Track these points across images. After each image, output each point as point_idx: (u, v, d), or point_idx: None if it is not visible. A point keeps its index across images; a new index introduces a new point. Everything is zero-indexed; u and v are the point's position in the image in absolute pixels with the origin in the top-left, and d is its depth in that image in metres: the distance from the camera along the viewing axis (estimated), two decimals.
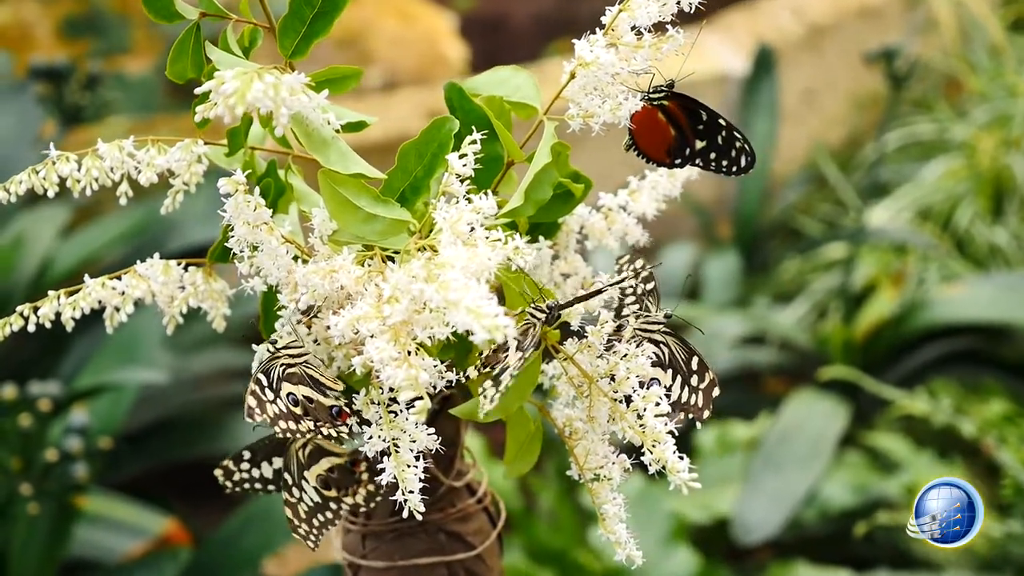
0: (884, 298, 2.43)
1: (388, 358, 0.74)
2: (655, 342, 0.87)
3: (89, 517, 1.83)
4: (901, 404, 2.03)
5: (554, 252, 0.94)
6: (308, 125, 0.79)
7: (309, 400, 0.83)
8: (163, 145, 0.85)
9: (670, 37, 0.81)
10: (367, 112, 0.89)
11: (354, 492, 0.90)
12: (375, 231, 0.80)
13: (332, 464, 0.89)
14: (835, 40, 3.07)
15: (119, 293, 0.89)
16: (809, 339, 2.40)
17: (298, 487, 0.90)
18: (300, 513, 0.90)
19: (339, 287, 0.79)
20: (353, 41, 3.13)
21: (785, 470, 2.06)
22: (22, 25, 3.00)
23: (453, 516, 0.96)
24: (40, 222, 2.00)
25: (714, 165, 0.88)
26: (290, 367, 0.83)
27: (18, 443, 1.56)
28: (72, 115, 2.11)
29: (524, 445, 0.90)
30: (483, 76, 0.88)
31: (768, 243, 2.86)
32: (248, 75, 0.70)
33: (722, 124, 0.87)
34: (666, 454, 0.80)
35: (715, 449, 2.15)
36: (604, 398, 0.83)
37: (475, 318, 0.69)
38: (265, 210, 0.79)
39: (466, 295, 0.69)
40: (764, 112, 2.81)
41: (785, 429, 2.13)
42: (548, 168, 0.81)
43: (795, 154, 3.03)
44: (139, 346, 1.83)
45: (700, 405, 0.87)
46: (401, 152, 0.82)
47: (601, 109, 0.82)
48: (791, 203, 2.90)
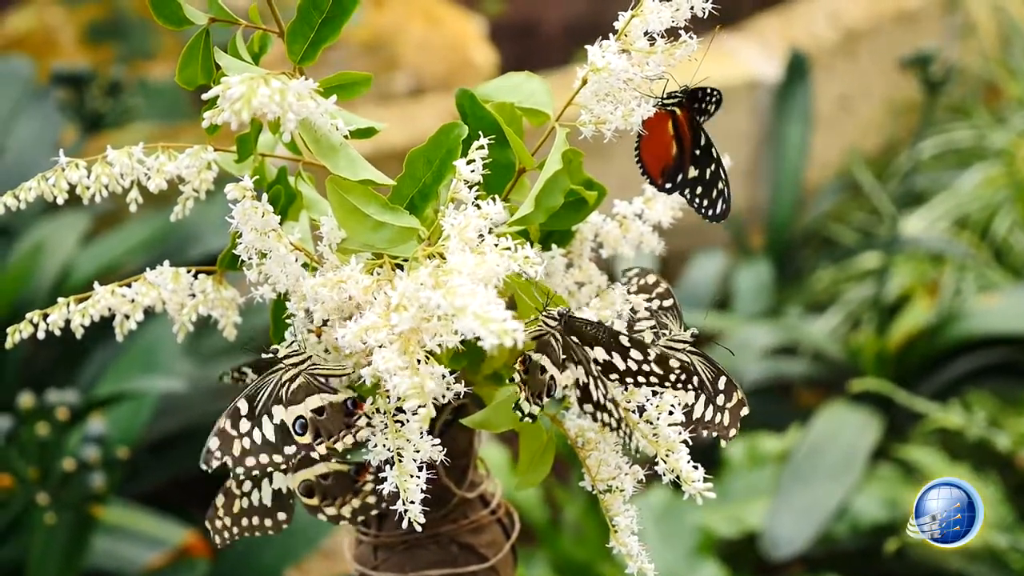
0: (919, 308, 2.42)
1: (396, 368, 0.75)
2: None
3: (108, 528, 1.84)
4: (935, 417, 2.02)
5: (568, 260, 0.94)
6: (316, 131, 0.79)
7: (319, 412, 0.83)
8: (173, 152, 0.86)
9: (683, 43, 0.82)
10: (393, 119, 0.89)
11: (342, 504, 0.90)
12: (384, 239, 0.81)
13: (331, 470, 0.89)
14: (871, 45, 3.06)
15: (129, 301, 0.90)
16: (841, 350, 2.39)
17: (254, 482, 0.90)
18: (233, 507, 0.90)
19: (348, 297, 0.79)
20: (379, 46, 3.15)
21: (816, 483, 2.06)
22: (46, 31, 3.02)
23: (466, 528, 0.96)
24: (60, 229, 2.02)
25: (697, 201, 0.88)
26: (292, 382, 0.83)
27: (35, 452, 1.57)
28: (93, 122, 2.13)
29: (537, 456, 0.90)
30: (495, 82, 0.89)
31: (801, 252, 2.85)
32: (254, 80, 0.71)
33: (714, 156, 0.87)
34: (680, 463, 0.80)
35: (744, 462, 2.14)
36: None
37: (482, 323, 0.69)
38: (273, 216, 0.80)
39: (473, 301, 0.70)
40: (797, 119, 2.81)
41: (816, 442, 2.12)
42: (559, 175, 0.81)
43: (829, 161, 3.03)
44: (158, 355, 1.84)
45: (727, 424, 0.87)
46: (409, 158, 0.82)
47: (613, 115, 0.82)
48: (825, 211, 2.89)
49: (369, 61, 3.12)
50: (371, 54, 3.12)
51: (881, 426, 2.15)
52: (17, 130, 2.19)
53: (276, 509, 0.92)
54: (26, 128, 2.21)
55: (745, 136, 2.89)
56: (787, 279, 2.76)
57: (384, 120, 0.90)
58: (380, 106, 2.81)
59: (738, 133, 2.89)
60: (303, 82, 0.76)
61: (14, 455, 1.57)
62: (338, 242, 0.83)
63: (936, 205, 2.71)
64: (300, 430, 0.83)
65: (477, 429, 0.92)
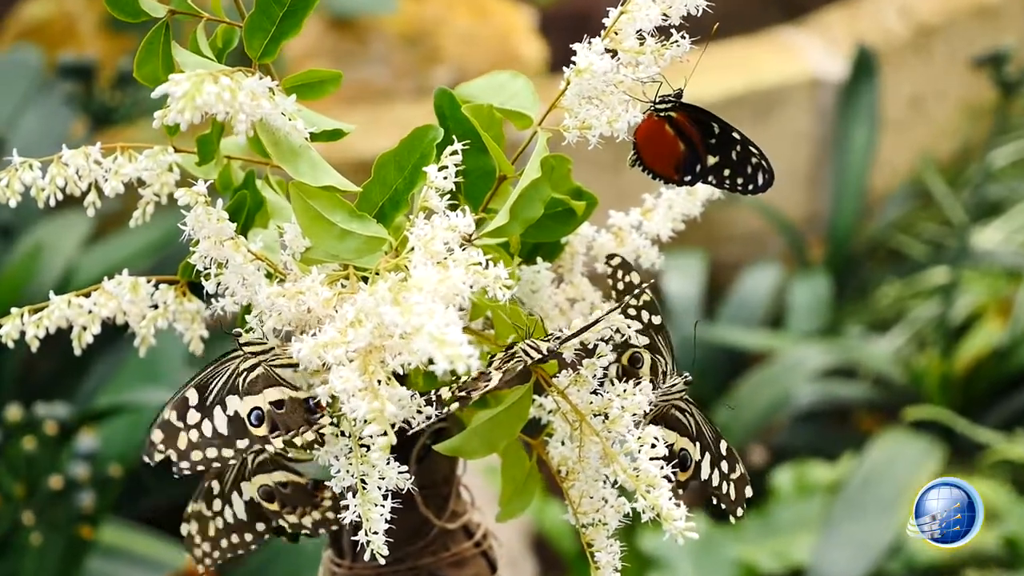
0: (990, 329, 2.39)
1: (354, 389, 0.75)
2: (680, 409, 0.86)
3: (104, 549, 1.85)
4: (999, 448, 2.00)
5: (558, 275, 0.93)
6: (275, 133, 0.79)
7: (279, 405, 0.82)
8: (133, 152, 0.86)
9: (674, 43, 0.81)
10: (431, 116, 0.88)
11: (303, 514, 0.90)
12: (350, 249, 0.80)
13: (288, 479, 0.89)
14: (946, 42, 3.03)
15: (86, 312, 0.90)
16: (903, 373, 2.37)
17: (224, 499, 0.90)
18: (209, 530, 0.90)
19: (307, 310, 0.79)
20: (419, 38, 3.15)
21: (869, 517, 2.04)
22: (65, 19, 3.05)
23: (447, 560, 0.96)
24: (61, 231, 2.03)
25: (728, 183, 0.87)
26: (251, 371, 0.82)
27: (22, 468, 1.58)
28: (102, 116, 2.14)
29: (520, 485, 0.90)
30: (479, 81, 0.89)
31: (864, 265, 2.82)
32: (200, 78, 0.71)
33: (736, 138, 0.86)
34: (660, 501, 0.79)
35: (792, 491, 2.13)
36: (595, 437, 0.82)
37: (438, 346, 0.69)
38: (229, 224, 0.80)
39: (430, 320, 0.69)
40: (863, 120, 2.79)
41: (871, 471, 2.10)
42: (538, 183, 0.81)
43: (898, 167, 3.00)
44: (160, 367, 1.85)
45: (734, 499, 0.86)
46: (380, 163, 0.82)
47: (598, 121, 0.81)
48: (891, 221, 2.86)
49: (409, 54, 3.12)
50: (411, 47, 3.13)
51: (943, 456, 2.13)
52: (23, 124, 2.21)
53: (253, 521, 0.92)
54: (32, 122, 2.24)
55: (806, 138, 2.87)
56: (848, 295, 2.73)
57: (421, 118, 0.88)
58: (416, 103, 2.82)
59: (798, 135, 2.87)
60: (257, 80, 0.76)
61: (1, 471, 1.58)
62: (302, 251, 0.83)
63: (1013, 216, 2.68)
64: (256, 421, 0.81)
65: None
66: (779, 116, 2.81)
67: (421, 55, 3.12)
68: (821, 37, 2.94)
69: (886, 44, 2.94)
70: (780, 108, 2.81)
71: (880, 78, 2.83)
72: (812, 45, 2.92)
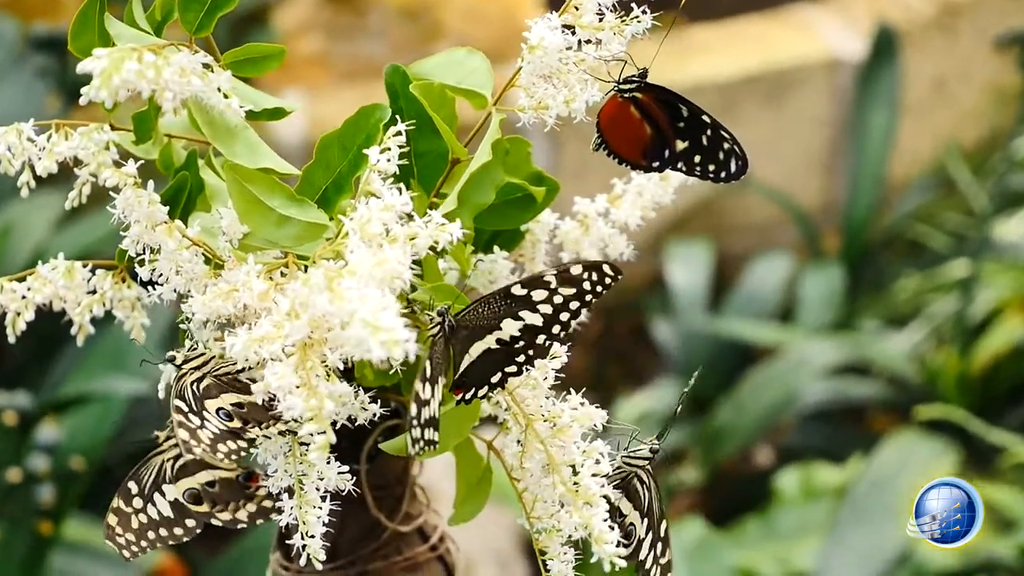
0: (1010, 326, 2.37)
1: (290, 386, 0.74)
2: (640, 480, 0.87)
3: (71, 545, 1.85)
4: (1016, 451, 1.98)
5: (519, 265, 0.92)
6: (210, 112, 0.78)
7: (240, 405, 0.82)
8: (68, 130, 0.85)
9: (634, 18, 0.80)
10: None
11: (237, 508, 0.90)
12: (289, 235, 0.80)
13: (216, 478, 0.89)
14: (973, 21, 3.01)
15: (19, 297, 0.89)
16: (918, 371, 2.35)
17: (145, 499, 0.90)
18: (132, 523, 0.90)
19: (243, 307, 0.78)
20: (421, 12, 3.14)
21: (877, 522, 2.03)
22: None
23: (400, 565, 0.95)
24: (32, 211, 2.03)
25: (699, 170, 0.86)
26: (200, 381, 0.83)
27: None
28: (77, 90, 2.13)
29: (474, 486, 0.89)
30: (435, 58, 0.87)
31: (881, 257, 2.81)
32: (120, 54, 0.70)
33: (706, 122, 0.85)
34: (594, 520, 0.79)
35: (797, 494, 2.12)
36: (539, 444, 0.82)
37: (371, 332, 0.68)
38: (161, 208, 0.79)
39: (363, 306, 0.68)
40: (882, 104, 2.77)
41: (880, 475, 2.09)
42: (490, 167, 0.80)
43: (919, 154, 2.98)
44: (129, 355, 1.84)
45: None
46: (322, 144, 0.81)
47: (555, 101, 0.80)
48: (912, 211, 2.84)
49: (409, 29, 3.12)
50: (410, 21, 3.12)
51: (957, 459, 2.11)
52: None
53: (181, 517, 0.92)
54: (6, 96, 2.23)
55: (821, 122, 2.86)
56: (863, 288, 2.72)
57: None
58: None
59: (814, 118, 2.85)
60: (187, 55, 0.75)
61: None
62: (239, 238, 0.82)
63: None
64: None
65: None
66: (795, 98, 2.79)
67: (421, 30, 3.11)
68: (840, 14, 2.92)
69: (909, 22, 2.92)
70: (796, 89, 2.79)
71: (902, 59, 2.81)
72: (830, 23, 2.90)
